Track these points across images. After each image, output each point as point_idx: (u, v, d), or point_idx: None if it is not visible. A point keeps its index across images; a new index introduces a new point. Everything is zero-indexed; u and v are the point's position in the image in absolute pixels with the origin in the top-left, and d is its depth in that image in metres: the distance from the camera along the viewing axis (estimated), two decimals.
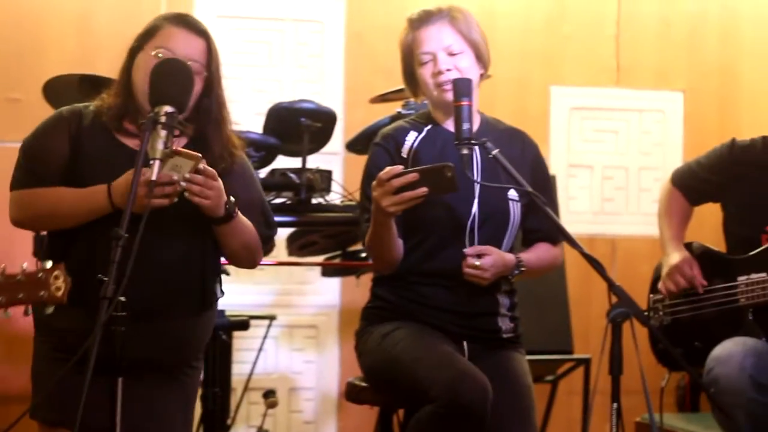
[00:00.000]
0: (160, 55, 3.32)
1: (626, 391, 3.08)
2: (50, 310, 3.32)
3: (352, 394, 3.81)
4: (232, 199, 3.31)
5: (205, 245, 3.43)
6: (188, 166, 3.13)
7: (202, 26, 3.44)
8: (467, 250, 3.52)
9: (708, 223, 4.42)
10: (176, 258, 3.37)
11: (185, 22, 3.41)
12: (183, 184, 3.14)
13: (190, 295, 3.43)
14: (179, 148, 3.14)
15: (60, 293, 2.85)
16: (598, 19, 6.49)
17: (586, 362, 5.67)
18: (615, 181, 6.51)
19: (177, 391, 3.47)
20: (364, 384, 3.74)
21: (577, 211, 6.42)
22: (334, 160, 5.86)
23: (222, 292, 3.56)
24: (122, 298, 2.86)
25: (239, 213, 3.36)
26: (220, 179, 3.24)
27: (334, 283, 6.12)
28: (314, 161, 4.74)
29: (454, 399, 3.27)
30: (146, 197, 3.02)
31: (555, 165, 6.27)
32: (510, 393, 3.49)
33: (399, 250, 3.57)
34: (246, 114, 5.48)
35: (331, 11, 6.23)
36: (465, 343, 3.59)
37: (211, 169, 3.21)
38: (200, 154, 3.17)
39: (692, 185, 4.28)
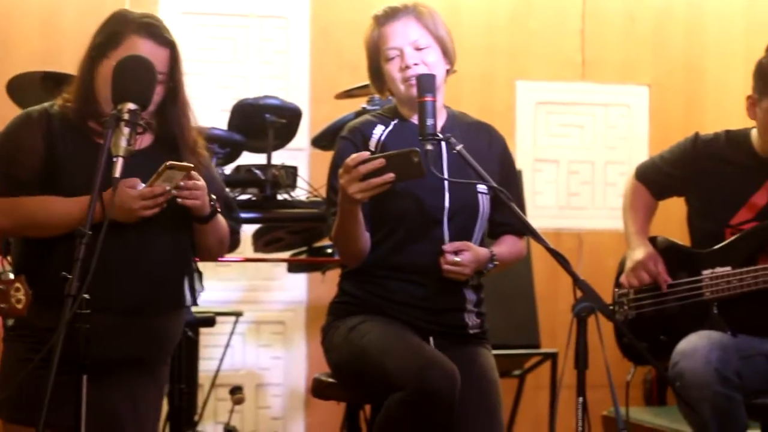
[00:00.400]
0: None
1: (593, 385, 3.09)
2: (11, 322, 3.31)
3: (318, 390, 3.80)
4: (213, 196, 3.37)
5: (186, 243, 3.47)
6: (180, 176, 3.24)
7: (166, 34, 3.39)
8: (446, 247, 3.51)
9: (674, 218, 4.43)
10: (164, 256, 3.39)
11: (151, 33, 3.35)
12: (174, 192, 3.24)
13: (176, 292, 3.45)
14: (173, 162, 3.19)
15: (20, 306, 2.84)
16: (563, 14, 6.50)
17: (553, 356, 5.69)
18: (581, 176, 6.53)
19: (153, 387, 3.49)
20: (330, 380, 3.73)
21: (543, 205, 6.43)
22: (300, 156, 5.85)
23: (203, 287, 3.58)
24: (86, 296, 2.84)
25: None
26: (202, 179, 3.30)
27: (301, 279, 6.12)
28: (279, 157, 4.74)
29: (422, 386, 3.25)
30: (139, 209, 3.19)
31: (521, 160, 6.28)
32: (477, 389, 3.48)
33: (366, 241, 3.55)
34: (211, 110, 5.47)
35: (295, 7, 6.22)
36: (431, 339, 3.57)
37: (195, 172, 3.27)
38: (192, 165, 3.25)
39: (656, 179, 4.29)
